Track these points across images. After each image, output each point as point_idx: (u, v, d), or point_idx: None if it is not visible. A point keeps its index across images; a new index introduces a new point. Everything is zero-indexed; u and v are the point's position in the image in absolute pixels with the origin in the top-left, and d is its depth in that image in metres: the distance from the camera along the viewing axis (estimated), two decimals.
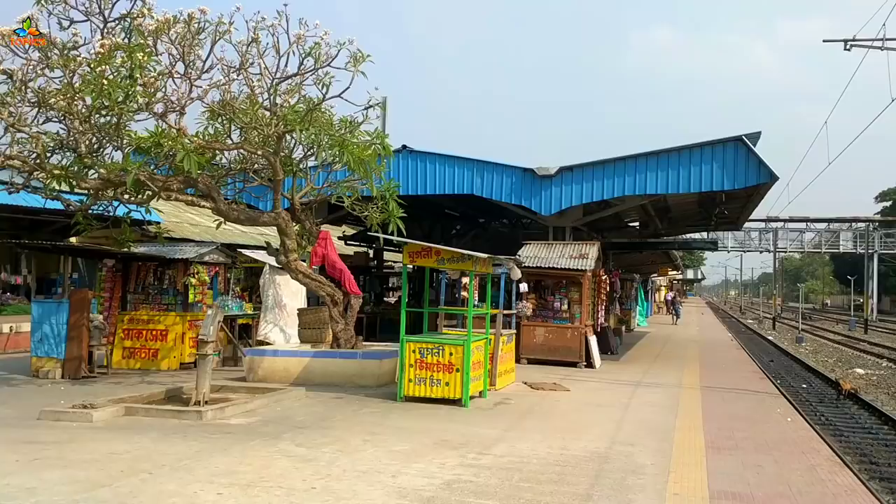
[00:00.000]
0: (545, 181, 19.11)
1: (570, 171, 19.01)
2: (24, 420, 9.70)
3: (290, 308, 17.01)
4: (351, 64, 11.87)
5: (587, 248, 18.75)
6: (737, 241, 74.46)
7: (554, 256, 18.44)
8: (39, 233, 25.74)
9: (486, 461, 7.89)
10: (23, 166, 12.21)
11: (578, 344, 17.85)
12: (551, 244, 19.33)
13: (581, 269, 17.92)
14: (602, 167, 18.74)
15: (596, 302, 19.99)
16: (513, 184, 19.42)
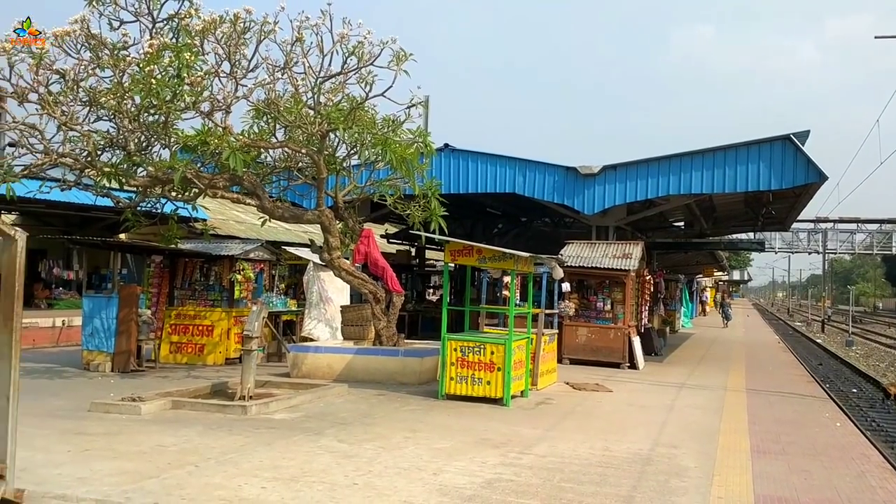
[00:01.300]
0: (588, 180, 18.98)
1: (613, 169, 18.85)
2: (76, 412, 9.93)
3: (336, 303, 17.16)
4: (394, 63, 11.94)
5: (631, 248, 18.58)
6: (784, 241, 73.03)
7: (597, 256, 18.30)
8: (90, 229, 26.34)
9: (528, 461, 7.87)
10: (74, 164, 12.51)
11: (621, 344, 17.69)
12: (594, 243, 19.19)
13: (624, 268, 17.76)
14: (646, 166, 18.55)
15: (639, 302, 19.79)
16: (555, 182, 19.32)
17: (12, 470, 3.90)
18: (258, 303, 12.50)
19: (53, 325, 20.33)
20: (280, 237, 26.05)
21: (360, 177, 15.11)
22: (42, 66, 11.33)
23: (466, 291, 14.90)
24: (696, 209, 23.58)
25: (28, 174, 12.51)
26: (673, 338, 28.78)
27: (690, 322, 40.96)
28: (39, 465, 6.80)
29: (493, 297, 21.31)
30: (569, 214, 21.69)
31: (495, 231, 30.38)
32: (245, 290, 16.61)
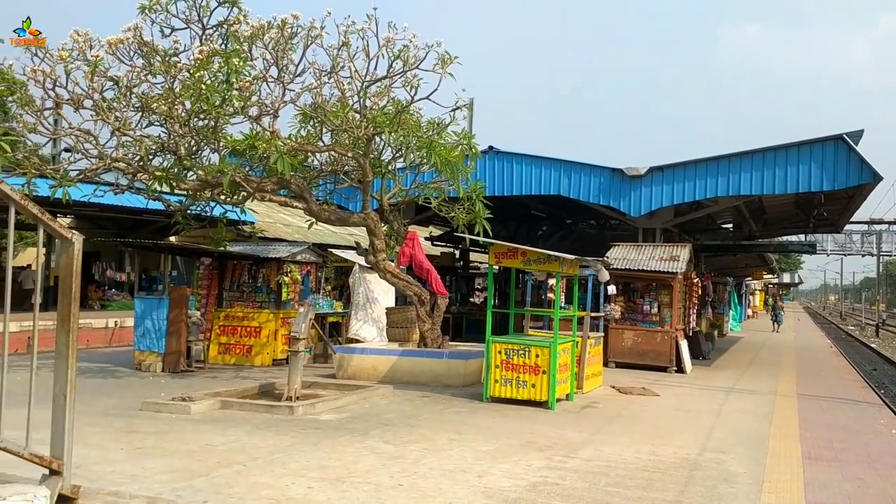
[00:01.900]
0: (634, 181, 18.81)
1: (660, 171, 18.65)
2: (128, 410, 10.16)
3: (382, 304, 17.29)
4: (439, 66, 11.98)
5: (678, 250, 18.35)
6: (837, 243, 71.27)
7: (643, 258, 18.12)
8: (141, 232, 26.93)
9: (573, 464, 7.83)
10: (127, 168, 12.81)
11: (668, 348, 17.48)
12: (641, 246, 19.00)
13: (672, 271, 17.55)
14: (694, 167, 18.32)
15: (687, 305, 19.53)
16: (601, 184, 19.19)
17: (69, 466, 4.01)
18: (305, 304, 12.65)
19: (106, 326, 20.81)
20: (326, 240, 26.32)
21: (405, 180, 15.19)
22: (97, 73, 11.62)
23: (511, 294, 14.86)
24: (745, 211, 23.19)
25: (83, 178, 12.85)
26: (721, 341, 28.33)
27: (739, 325, 40.28)
28: (94, 463, 6.98)
29: (537, 299, 21.22)
30: (615, 216, 21.52)
31: (540, 233, 30.26)
32: (292, 292, 16.82)
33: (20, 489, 3.70)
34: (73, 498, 4.00)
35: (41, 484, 3.88)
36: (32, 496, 3.66)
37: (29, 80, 11.71)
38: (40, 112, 12.16)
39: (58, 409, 4.06)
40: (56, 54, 11.43)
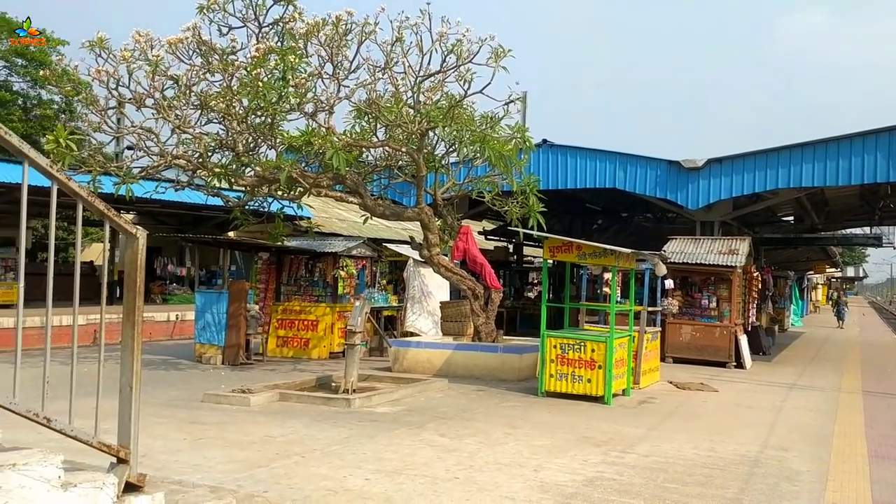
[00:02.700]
0: (692, 174, 18.50)
1: (718, 163, 18.31)
2: (190, 402, 10.41)
3: (437, 297, 17.34)
4: (492, 60, 11.96)
5: (737, 244, 17.98)
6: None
7: (701, 252, 17.81)
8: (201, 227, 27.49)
9: (630, 460, 7.75)
10: (187, 165, 13.10)
11: (727, 343, 17.16)
12: (698, 239, 18.68)
13: (731, 265, 17.21)
14: (753, 159, 17.93)
15: (746, 300, 19.13)
16: (657, 177, 18.93)
17: (135, 455, 4.12)
18: (361, 298, 12.77)
19: (168, 320, 21.32)
20: (381, 234, 26.51)
21: (459, 174, 15.20)
22: (157, 72, 11.90)
23: (566, 288, 14.76)
24: (807, 203, 22.61)
25: (145, 175, 13.19)
26: (782, 337, 27.68)
27: (800, 320, 39.31)
28: (158, 452, 7.17)
29: (593, 294, 21.04)
30: (672, 209, 21.20)
31: (595, 227, 29.99)
32: (348, 286, 16.99)
33: (90, 476, 3.81)
34: (139, 486, 4.10)
35: (109, 472, 3.99)
36: (101, 483, 3.77)
37: (93, 80, 12.06)
38: (104, 111, 12.51)
39: (124, 399, 4.16)
40: (119, 55, 11.75)
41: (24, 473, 3.36)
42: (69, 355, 4.12)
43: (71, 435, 3.79)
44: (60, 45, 34.16)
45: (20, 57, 33.97)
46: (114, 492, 3.84)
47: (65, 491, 3.53)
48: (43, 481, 3.44)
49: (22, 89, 35.40)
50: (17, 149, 3.48)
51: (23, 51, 33.64)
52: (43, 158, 3.61)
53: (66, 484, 3.56)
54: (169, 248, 29.08)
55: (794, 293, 37.40)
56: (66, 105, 33.07)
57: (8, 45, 33.64)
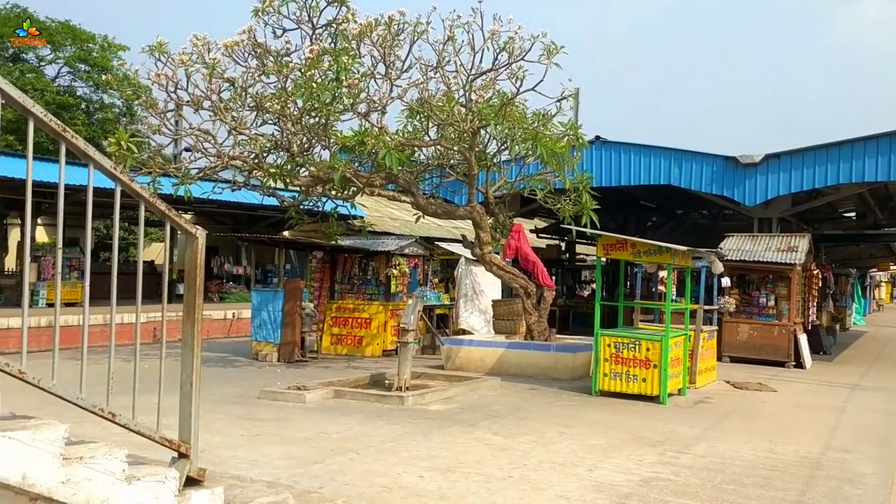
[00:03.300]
0: (749, 170, 18.13)
1: (776, 158, 17.90)
2: (247, 399, 10.60)
3: (489, 295, 17.32)
4: (544, 56, 11.89)
5: (796, 241, 17.57)
6: None
7: (759, 249, 17.44)
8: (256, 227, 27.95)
9: (686, 460, 7.64)
10: (243, 166, 13.32)
11: (786, 342, 16.78)
12: (756, 236, 18.30)
13: (789, 262, 16.83)
14: (813, 153, 17.48)
15: (806, 298, 18.68)
16: (713, 173, 18.59)
17: (195, 450, 4.20)
18: (413, 297, 12.84)
19: (225, 318, 21.72)
20: (432, 233, 26.59)
21: (511, 172, 15.15)
22: (214, 75, 12.13)
23: (620, 286, 14.61)
24: (870, 198, 21.95)
25: (203, 176, 13.46)
26: (843, 336, 26.94)
27: (863, 319, 38.21)
28: (217, 447, 7.32)
29: (647, 292, 20.79)
30: (728, 206, 20.82)
31: (649, 224, 29.61)
32: (401, 285, 17.10)
33: (152, 470, 3.91)
34: (199, 480, 4.19)
35: (171, 466, 4.09)
36: (164, 477, 3.87)
37: (153, 84, 12.36)
38: (163, 114, 12.81)
39: (184, 395, 4.26)
40: (177, 58, 12.01)
41: (91, 467, 3.46)
42: (130, 352, 4.24)
43: (134, 430, 3.90)
44: (121, 51, 35.11)
45: (83, 63, 35.01)
46: (175, 486, 3.94)
47: (129, 484, 3.63)
48: (108, 474, 3.54)
49: (85, 94, 36.49)
50: (82, 151, 3.59)
51: (86, 56, 34.67)
52: (107, 161, 3.71)
53: (130, 477, 3.66)
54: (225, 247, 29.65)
55: (857, 291, 36.38)
56: (126, 108, 33.97)
57: (72, 52, 34.70)
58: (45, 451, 3.26)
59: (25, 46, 33.40)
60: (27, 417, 3.53)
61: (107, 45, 35.44)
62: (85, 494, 3.41)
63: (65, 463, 3.35)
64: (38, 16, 34.04)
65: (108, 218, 27.43)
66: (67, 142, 3.52)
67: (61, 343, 3.63)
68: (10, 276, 23.46)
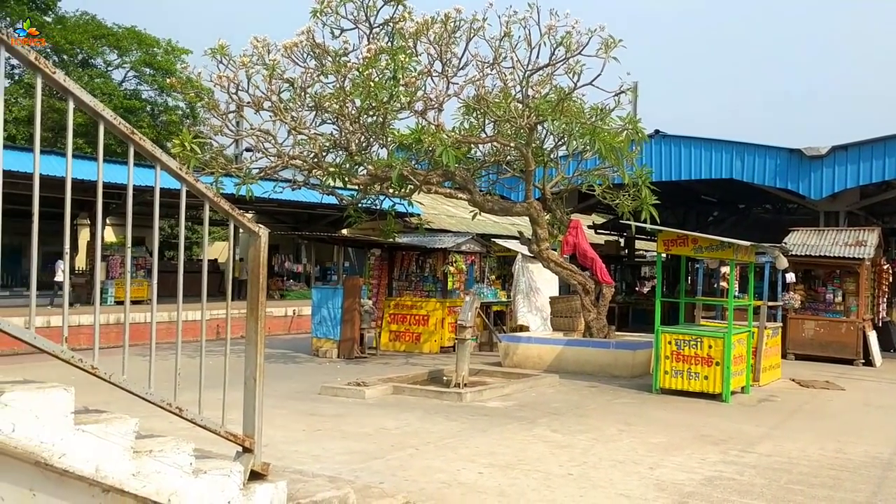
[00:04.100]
0: (815, 162, 17.64)
1: (843, 150, 17.37)
2: (308, 394, 10.75)
3: (545, 294, 17.23)
4: (602, 50, 11.77)
5: (865, 235, 17.03)
6: None
7: (826, 244, 16.96)
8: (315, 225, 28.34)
9: (750, 459, 7.49)
10: (303, 165, 13.52)
11: (854, 339, 16.28)
12: (822, 230, 17.80)
13: (858, 257, 16.32)
14: (883, 144, 16.92)
15: (876, 294, 18.09)
16: (777, 166, 18.14)
17: (259, 445, 4.28)
18: (470, 293, 12.85)
19: (286, 315, 22.09)
20: (489, 230, 26.57)
21: (568, 167, 15.04)
22: (274, 76, 12.34)
23: (681, 283, 14.37)
24: None
25: (263, 176, 13.70)
26: None
27: None
28: (279, 442, 7.44)
29: (709, 288, 20.42)
30: (792, 200, 20.29)
31: (710, 219, 29.06)
32: (458, 282, 17.13)
33: (218, 464, 4.01)
34: (262, 474, 4.27)
35: (235, 460, 4.18)
36: (229, 471, 3.95)
37: (215, 85, 12.62)
38: (225, 115, 13.08)
39: (248, 391, 4.34)
40: (238, 60, 12.25)
41: (160, 460, 3.56)
42: (194, 349, 4.34)
43: (201, 424, 3.99)
44: (184, 54, 35.94)
45: (148, 66, 35.95)
46: (240, 479, 4.02)
47: (196, 477, 3.72)
48: (176, 467, 3.63)
49: (150, 97, 37.47)
50: (150, 153, 3.69)
51: (151, 60, 35.59)
52: (173, 162, 3.81)
53: (196, 471, 3.75)
54: (286, 245, 30.14)
55: None
56: (190, 110, 34.78)
57: (138, 57, 35.65)
58: (117, 445, 3.36)
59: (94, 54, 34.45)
60: (99, 411, 3.65)
61: (170, 48, 36.34)
62: (154, 487, 3.50)
63: (135, 456, 3.46)
64: (105, 22, 35.12)
65: (172, 218, 28.14)
66: (136, 144, 3.63)
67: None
68: (81, 275, 24.24)
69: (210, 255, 32.59)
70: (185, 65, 16.99)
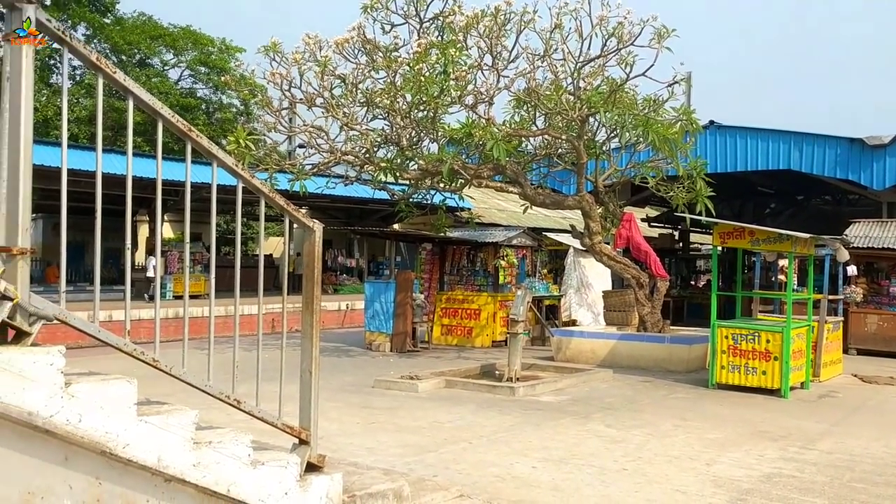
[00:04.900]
0: (877, 151, 17.12)
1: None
2: (362, 387, 10.85)
3: (596, 289, 17.08)
4: (655, 41, 11.60)
5: None
6: None
7: (889, 236, 16.46)
8: (367, 220, 28.56)
9: (811, 456, 7.32)
10: (355, 161, 13.63)
11: None
12: (886, 222, 17.28)
13: None
14: None
15: None
16: (837, 156, 17.66)
17: (315, 437, 4.34)
18: (522, 287, 12.80)
19: (339, 309, 22.32)
20: (540, 224, 26.43)
21: (621, 160, 14.87)
22: (326, 72, 12.44)
23: (737, 276, 14.10)
24: None
25: (316, 172, 13.85)
26: None
27: None
28: (334, 435, 7.53)
29: (767, 282, 20.00)
30: (853, 191, 19.76)
31: (767, 211, 28.46)
32: (509, 276, 17.09)
33: (275, 455, 4.07)
34: (319, 466, 4.32)
35: (292, 452, 4.24)
36: (286, 462, 4.01)
37: (268, 83, 12.80)
38: (278, 112, 13.25)
39: (304, 384, 4.40)
40: (291, 57, 12.39)
41: (219, 451, 3.63)
42: (249, 342, 4.41)
43: (258, 416, 4.06)
44: (238, 52, 36.49)
45: (203, 65, 36.61)
46: (297, 471, 4.08)
47: (254, 468, 3.79)
48: (234, 458, 3.70)
49: (205, 95, 38.15)
50: (207, 150, 3.76)
51: (206, 59, 36.23)
52: (230, 158, 3.87)
53: (254, 462, 3.82)
54: (339, 240, 30.42)
55: None
56: (244, 108, 35.31)
57: (193, 56, 36.32)
58: (178, 436, 3.44)
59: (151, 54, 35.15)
60: (160, 403, 3.74)
61: (225, 47, 36.92)
62: (214, 477, 3.58)
63: (195, 447, 3.53)
64: (161, 22, 35.85)
65: (227, 214, 28.63)
66: (193, 141, 3.69)
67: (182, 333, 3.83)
68: (140, 271, 24.85)
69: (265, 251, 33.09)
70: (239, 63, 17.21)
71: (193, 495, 3.53)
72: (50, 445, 3.05)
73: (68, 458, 3.11)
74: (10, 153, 3.01)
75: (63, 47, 3.20)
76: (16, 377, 2.88)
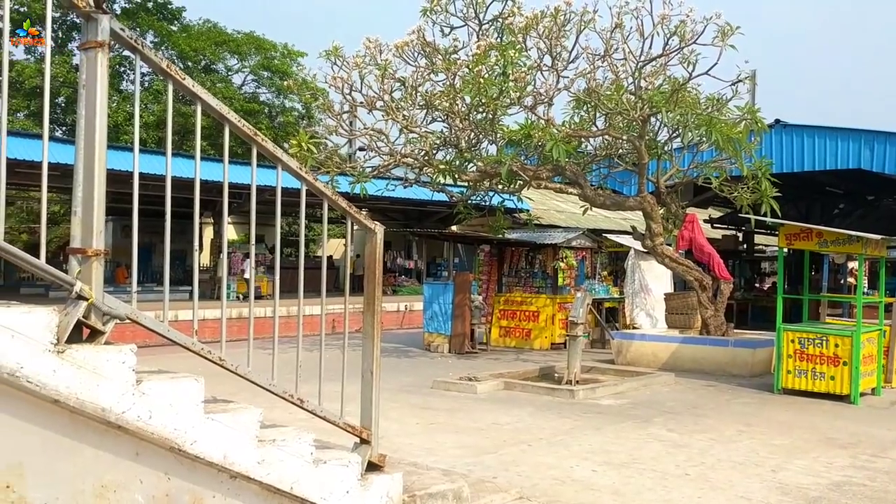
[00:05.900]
0: None
1: None
2: (421, 388, 10.91)
3: (656, 292, 16.84)
4: (718, 38, 11.39)
5: None
6: None
7: None
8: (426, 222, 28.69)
9: (883, 465, 7.09)
10: (414, 163, 13.72)
11: None
12: None
13: None
14: None
15: None
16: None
17: (376, 436, 4.39)
18: (581, 290, 12.70)
19: (398, 310, 22.46)
20: (600, 225, 26.17)
21: (683, 160, 14.62)
22: (386, 75, 12.56)
23: (804, 278, 13.74)
24: None
25: (376, 174, 13.98)
26: None
27: None
28: (394, 435, 7.59)
29: (835, 284, 19.46)
30: None
31: (835, 212, 27.59)
32: (568, 278, 16.98)
33: (337, 454, 4.13)
34: (379, 465, 4.37)
35: (353, 451, 4.30)
36: (347, 461, 4.07)
37: (329, 87, 12.97)
38: (339, 115, 13.42)
39: (366, 384, 4.46)
40: (351, 61, 12.54)
41: (283, 449, 3.71)
42: (310, 343, 4.49)
43: (321, 415, 4.12)
44: (300, 57, 37.06)
45: (266, 70, 37.27)
46: (358, 470, 4.13)
47: (316, 467, 3.85)
48: (297, 457, 3.77)
49: (268, 99, 38.83)
50: (272, 154, 3.84)
51: (268, 64, 36.89)
52: (294, 162, 3.95)
53: (317, 460, 3.88)
54: (397, 242, 30.64)
55: None
56: (305, 111, 35.83)
57: (256, 61, 37.02)
58: (243, 433, 3.52)
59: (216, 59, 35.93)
60: (226, 401, 3.83)
61: (287, 52, 37.52)
62: (277, 475, 3.65)
63: (260, 445, 3.61)
64: (226, 29, 36.64)
65: (289, 216, 29.09)
66: (258, 145, 3.78)
67: (245, 333, 3.91)
68: (205, 272, 25.42)
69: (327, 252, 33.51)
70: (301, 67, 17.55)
71: (258, 492, 3.61)
72: (122, 441, 3.15)
73: (139, 454, 3.21)
74: (85, 159, 3.12)
75: (135, 55, 3.31)
76: (90, 374, 2.99)
